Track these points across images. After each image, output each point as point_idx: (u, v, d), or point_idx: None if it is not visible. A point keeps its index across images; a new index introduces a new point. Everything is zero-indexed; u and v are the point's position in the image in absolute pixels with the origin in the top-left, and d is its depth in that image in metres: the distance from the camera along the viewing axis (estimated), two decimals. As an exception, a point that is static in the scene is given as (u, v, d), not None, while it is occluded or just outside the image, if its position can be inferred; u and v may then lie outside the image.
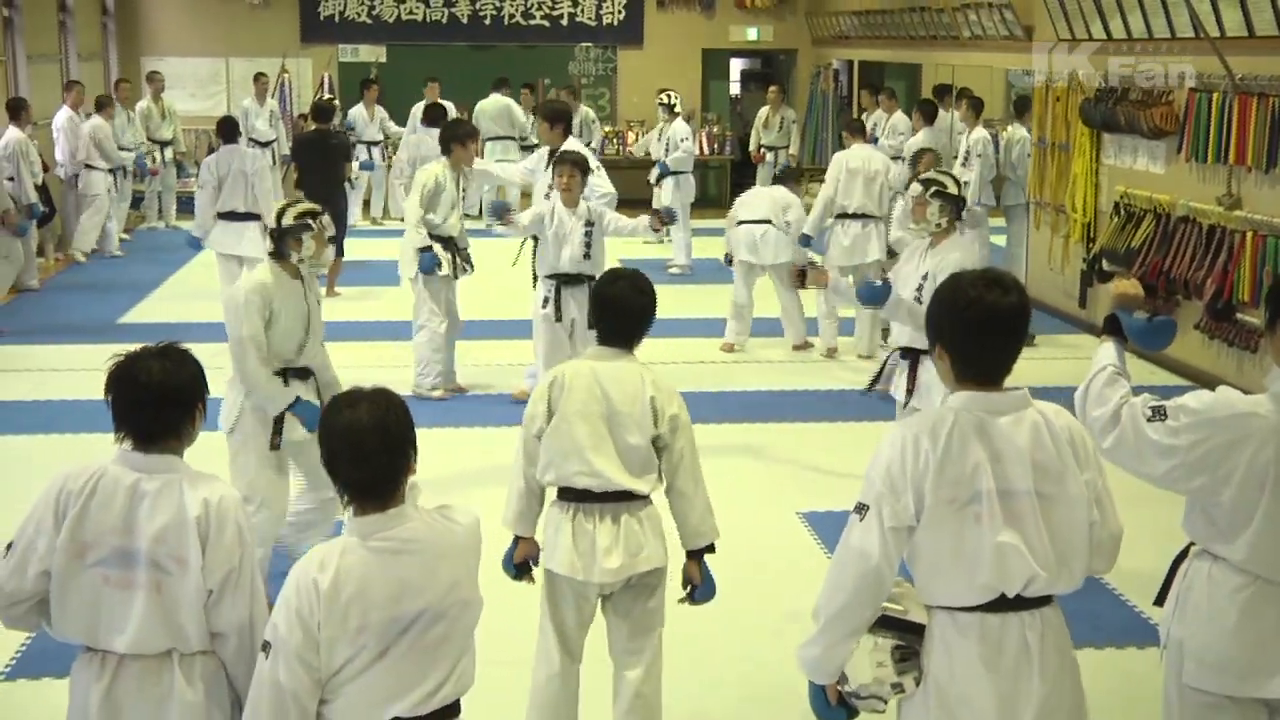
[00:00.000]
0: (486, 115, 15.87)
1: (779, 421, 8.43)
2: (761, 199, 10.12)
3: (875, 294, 5.78)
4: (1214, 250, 8.90)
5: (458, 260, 8.76)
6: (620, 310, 4.20)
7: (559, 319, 7.73)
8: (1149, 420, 3.26)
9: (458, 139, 8.72)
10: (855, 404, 8.41)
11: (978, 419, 3.07)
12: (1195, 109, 9.24)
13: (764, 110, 16.01)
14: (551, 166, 7.99)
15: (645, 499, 4.18)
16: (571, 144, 8.78)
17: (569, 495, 4.16)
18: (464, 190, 8.82)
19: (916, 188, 5.87)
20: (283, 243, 5.53)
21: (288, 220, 5.52)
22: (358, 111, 15.92)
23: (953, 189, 5.84)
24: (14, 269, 11.10)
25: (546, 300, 7.78)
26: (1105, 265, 10.10)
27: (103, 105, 14.28)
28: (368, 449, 2.95)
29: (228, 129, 10.95)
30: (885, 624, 3.11)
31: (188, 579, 3.09)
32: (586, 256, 7.69)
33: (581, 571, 4.11)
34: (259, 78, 16.23)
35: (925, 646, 3.11)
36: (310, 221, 5.54)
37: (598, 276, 7.60)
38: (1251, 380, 8.25)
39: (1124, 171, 10.20)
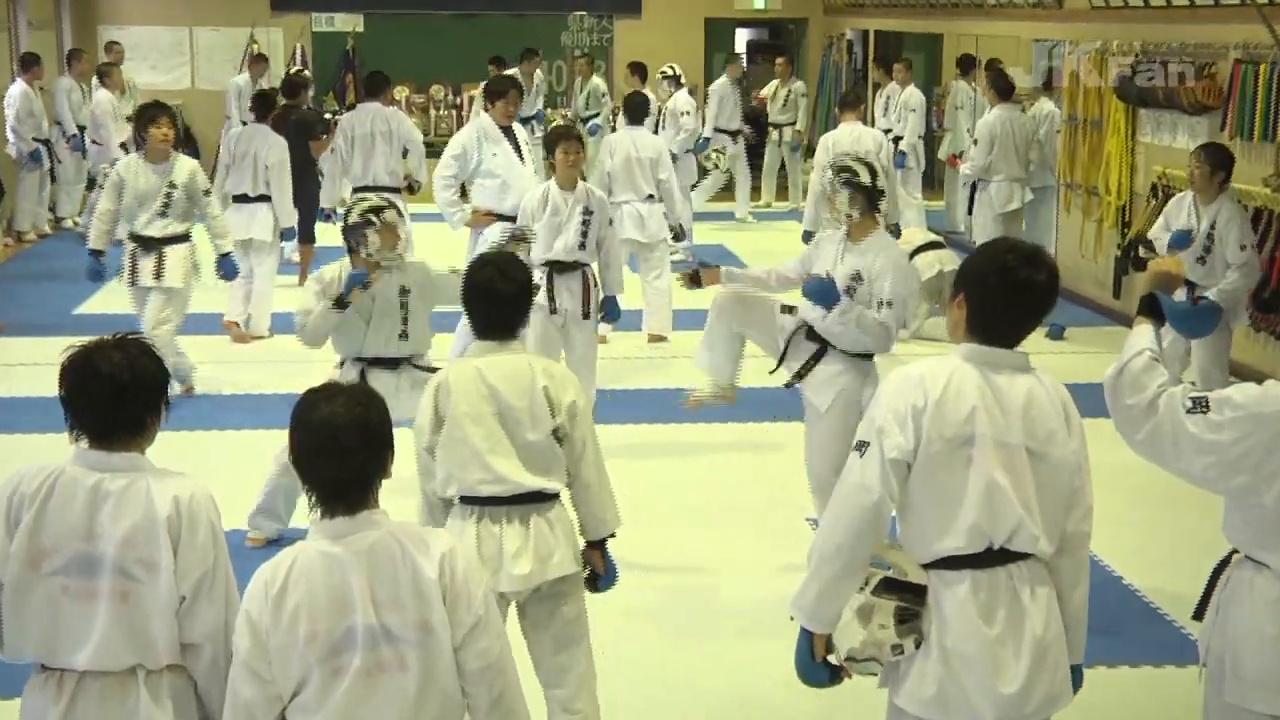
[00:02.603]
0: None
1: (789, 420, 8.42)
2: (633, 171, 9.83)
3: (825, 292, 5.61)
4: (1261, 234, 8.90)
5: (138, 264, 8.30)
6: (490, 299, 4.18)
7: (554, 310, 7.48)
8: (1189, 412, 3.26)
9: (142, 124, 8.40)
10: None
11: (979, 369, 3.32)
12: (1240, 82, 9.24)
13: (773, 84, 16.08)
14: (552, 143, 7.62)
15: (554, 498, 4.20)
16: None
17: (473, 500, 4.14)
18: (170, 184, 8.30)
19: (828, 174, 5.89)
20: (350, 240, 6.03)
21: (352, 218, 6.01)
22: None
23: (865, 178, 5.74)
24: None
25: (537, 288, 7.60)
26: (1142, 252, 10.10)
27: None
28: (345, 446, 2.96)
29: (260, 105, 10.77)
30: (887, 586, 3.31)
31: (158, 585, 3.09)
32: (582, 246, 7.49)
33: (489, 579, 4.03)
34: (259, 60, 15.67)
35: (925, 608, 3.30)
36: (373, 218, 5.96)
37: (595, 267, 7.65)
38: (1300, 376, 8.25)
39: (1162, 150, 10.21)
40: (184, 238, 8.40)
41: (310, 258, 12.18)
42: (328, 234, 12.38)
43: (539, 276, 7.53)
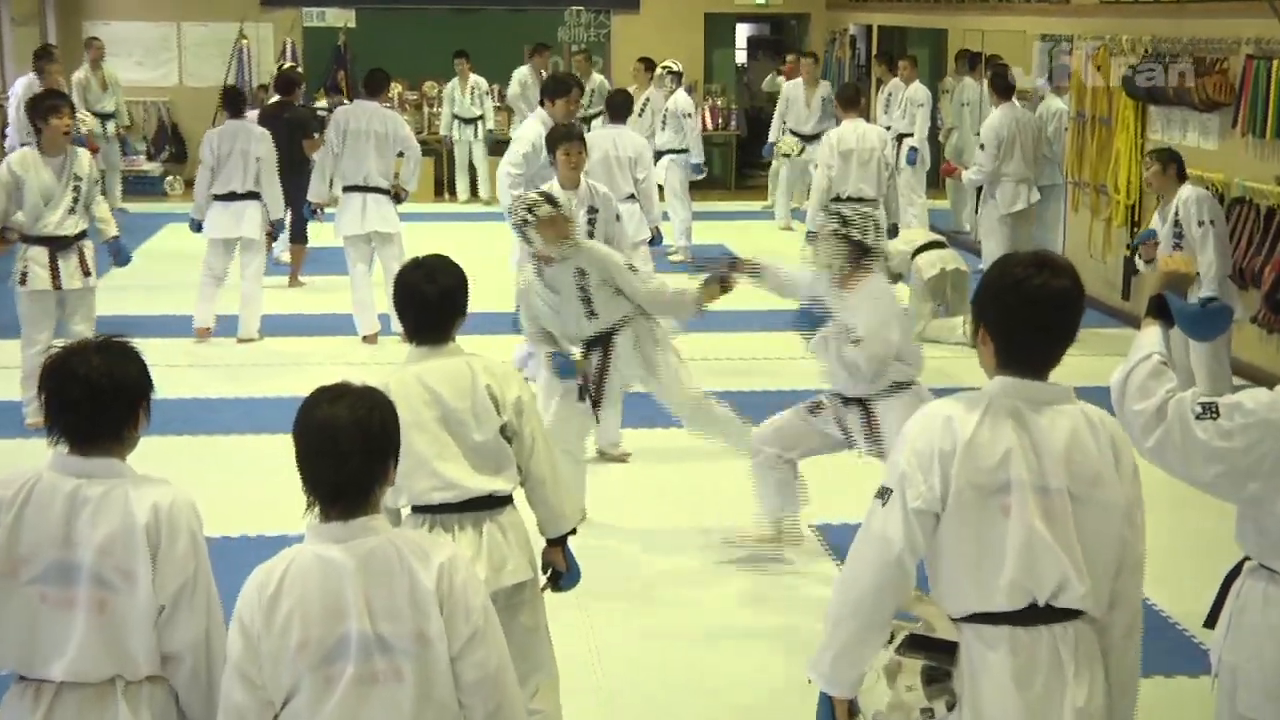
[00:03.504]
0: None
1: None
2: (611, 171, 9.54)
3: (808, 316, 5.83)
4: (1273, 234, 8.89)
5: (59, 266, 7.93)
6: (417, 302, 4.18)
7: None
8: (1198, 418, 3.21)
9: (40, 114, 7.95)
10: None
11: (1014, 406, 3.10)
12: (1253, 78, 9.23)
13: (772, 76, 16.15)
14: (553, 143, 7.48)
15: (507, 501, 4.21)
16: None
17: (424, 509, 4.15)
18: (74, 177, 7.89)
19: (822, 217, 5.95)
20: (521, 238, 6.29)
21: (515, 219, 6.18)
22: None
23: (854, 232, 5.73)
24: None
25: None
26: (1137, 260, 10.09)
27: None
28: (343, 449, 2.94)
29: (232, 102, 10.72)
30: (913, 644, 3.11)
31: (137, 594, 3.07)
32: None
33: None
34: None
35: (956, 667, 3.12)
36: (529, 216, 6.05)
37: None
38: (1313, 378, 8.24)
39: (1172, 148, 10.18)
40: (86, 234, 8.16)
41: (302, 257, 12.18)
42: (323, 233, 12.42)
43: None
